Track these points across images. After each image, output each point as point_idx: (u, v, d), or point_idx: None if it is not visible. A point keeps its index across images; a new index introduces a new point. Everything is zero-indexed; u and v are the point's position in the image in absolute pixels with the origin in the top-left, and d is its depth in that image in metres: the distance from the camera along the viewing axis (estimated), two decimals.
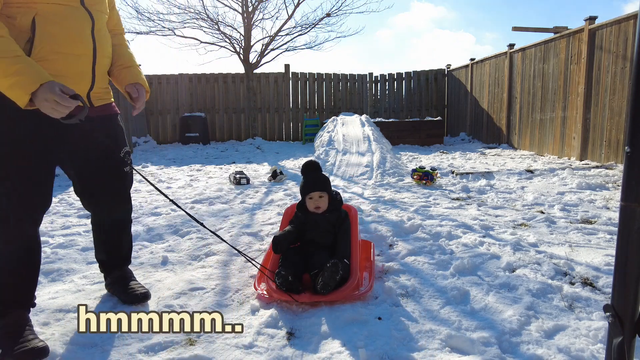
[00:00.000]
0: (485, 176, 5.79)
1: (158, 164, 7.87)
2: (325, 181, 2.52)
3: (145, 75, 11.18)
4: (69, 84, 1.73)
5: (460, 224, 3.41)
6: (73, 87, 1.76)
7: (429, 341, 1.79)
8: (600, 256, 2.68)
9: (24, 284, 1.84)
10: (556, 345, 1.75)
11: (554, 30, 9.13)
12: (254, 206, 4.22)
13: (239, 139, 12.81)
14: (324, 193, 2.48)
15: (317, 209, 2.46)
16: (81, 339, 1.81)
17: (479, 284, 2.30)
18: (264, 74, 12.84)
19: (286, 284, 2.09)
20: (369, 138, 8.10)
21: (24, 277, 1.84)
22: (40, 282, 2.41)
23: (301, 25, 12.02)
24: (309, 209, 2.48)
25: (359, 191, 4.87)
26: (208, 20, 11.47)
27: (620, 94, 6.43)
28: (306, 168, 2.57)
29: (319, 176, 2.53)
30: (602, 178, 5.45)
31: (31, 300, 1.88)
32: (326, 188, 2.50)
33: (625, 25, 6.31)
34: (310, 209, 2.47)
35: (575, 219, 3.62)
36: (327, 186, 2.51)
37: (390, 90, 13.51)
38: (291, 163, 7.78)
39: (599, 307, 2.05)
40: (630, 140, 0.97)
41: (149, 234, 3.30)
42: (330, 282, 2.07)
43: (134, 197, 4.74)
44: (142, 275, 2.51)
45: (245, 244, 3.08)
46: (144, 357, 1.71)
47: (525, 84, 9.23)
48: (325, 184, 2.50)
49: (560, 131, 7.98)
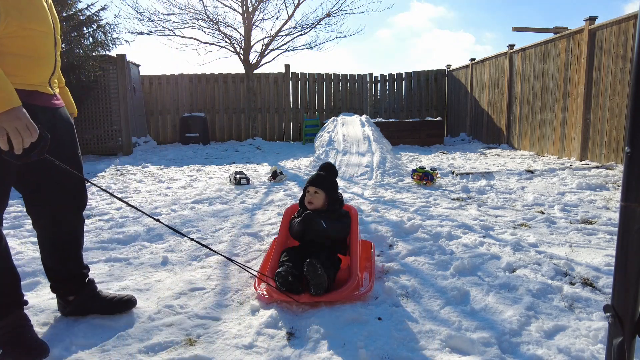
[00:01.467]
0: (485, 176, 5.79)
1: (158, 164, 7.87)
2: (326, 181, 2.55)
3: (145, 76, 11.03)
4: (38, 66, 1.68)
5: (461, 224, 3.41)
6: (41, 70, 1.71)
7: (429, 341, 1.79)
8: (600, 256, 2.68)
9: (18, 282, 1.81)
10: (556, 346, 1.75)
11: (554, 31, 9.13)
12: (254, 206, 4.22)
13: (239, 139, 12.80)
14: (320, 190, 2.51)
15: (310, 203, 2.51)
16: (81, 339, 1.81)
17: (479, 284, 2.30)
18: (264, 74, 12.84)
19: (286, 284, 2.09)
20: (369, 138, 8.10)
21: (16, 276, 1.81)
22: (40, 282, 2.41)
23: (301, 25, 12.02)
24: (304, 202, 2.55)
25: (359, 191, 4.87)
26: (208, 21, 11.47)
27: (620, 94, 6.43)
28: (320, 168, 2.65)
29: (325, 175, 2.58)
30: (602, 178, 5.45)
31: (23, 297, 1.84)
32: (324, 186, 2.53)
33: (625, 26, 6.31)
34: (305, 202, 2.54)
35: (576, 219, 3.62)
36: (324, 185, 2.54)
37: (390, 90, 13.51)
38: (291, 163, 7.78)
39: (599, 307, 2.05)
40: (630, 141, 0.97)
41: (149, 234, 3.30)
42: (318, 281, 2.06)
43: (134, 197, 4.75)
44: (142, 276, 2.51)
45: (245, 244, 3.08)
46: (144, 357, 1.71)
47: (525, 84, 9.23)
48: (323, 183, 2.54)
49: (561, 131, 7.98)
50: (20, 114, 1.52)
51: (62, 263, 1.99)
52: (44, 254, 1.98)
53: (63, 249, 1.98)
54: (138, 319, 1.98)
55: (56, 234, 1.95)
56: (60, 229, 1.95)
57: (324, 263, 2.17)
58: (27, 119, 1.54)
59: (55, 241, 1.96)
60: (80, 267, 2.04)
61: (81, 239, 2.07)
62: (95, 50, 8.87)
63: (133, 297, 2.09)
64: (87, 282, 2.05)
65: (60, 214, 1.93)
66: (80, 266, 2.04)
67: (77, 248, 2.04)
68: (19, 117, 1.51)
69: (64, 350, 1.74)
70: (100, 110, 9.45)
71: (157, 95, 12.67)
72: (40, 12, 1.75)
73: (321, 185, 2.52)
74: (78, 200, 1.98)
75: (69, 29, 8.39)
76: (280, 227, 2.69)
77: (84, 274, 2.05)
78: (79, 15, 8.79)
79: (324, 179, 2.55)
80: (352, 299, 2.12)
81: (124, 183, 5.71)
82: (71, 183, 1.92)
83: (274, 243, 2.69)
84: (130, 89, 10.67)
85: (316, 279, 2.06)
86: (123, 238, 3.18)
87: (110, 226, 3.50)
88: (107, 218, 3.78)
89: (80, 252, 2.05)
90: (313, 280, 2.06)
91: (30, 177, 1.83)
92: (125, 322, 1.95)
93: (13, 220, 3.66)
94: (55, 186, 1.87)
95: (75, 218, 2.00)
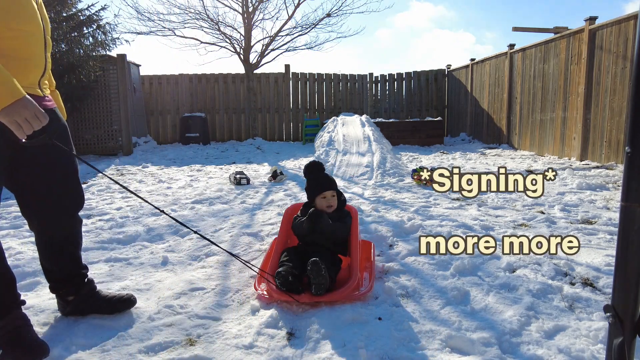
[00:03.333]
0: None
1: (158, 164, 7.87)
2: (334, 180, 2.60)
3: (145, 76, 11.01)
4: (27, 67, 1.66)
5: (461, 224, 3.41)
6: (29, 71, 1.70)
7: (429, 341, 1.79)
8: (600, 256, 2.68)
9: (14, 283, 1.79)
10: (556, 346, 1.75)
11: (554, 31, 9.12)
12: (254, 206, 4.22)
13: (239, 139, 12.80)
14: (335, 192, 2.55)
15: (330, 207, 2.51)
16: (81, 339, 1.81)
17: (479, 284, 2.30)
18: (264, 74, 12.83)
19: (286, 284, 2.09)
20: (369, 138, 8.10)
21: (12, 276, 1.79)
22: (40, 282, 2.41)
23: (301, 25, 12.02)
24: (320, 208, 2.50)
25: (359, 191, 4.87)
26: (208, 21, 11.47)
27: (620, 94, 6.42)
28: (311, 168, 2.60)
29: (328, 176, 2.59)
30: (602, 178, 5.45)
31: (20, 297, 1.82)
32: (336, 187, 2.58)
33: (626, 26, 6.31)
34: (322, 208, 2.50)
35: (576, 219, 3.62)
36: (336, 185, 2.59)
37: (390, 90, 13.51)
38: (291, 163, 7.78)
39: (599, 307, 2.05)
40: (630, 141, 0.97)
41: (149, 234, 3.30)
42: (320, 281, 2.06)
43: (135, 197, 4.74)
44: (142, 276, 2.51)
45: (246, 244, 3.08)
46: (144, 357, 1.71)
47: (525, 84, 9.23)
48: (335, 183, 2.59)
49: (561, 131, 7.98)
50: (27, 103, 1.52)
51: (60, 264, 1.97)
52: (41, 256, 1.97)
53: (60, 251, 1.96)
54: (138, 319, 1.98)
55: (52, 236, 1.93)
56: (56, 231, 1.93)
57: (326, 263, 2.17)
58: (35, 107, 1.54)
59: (52, 243, 1.93)
60: (79, 268, 2.03)
61: (78, 240, 2.04)
62: (96, 50, 8.88)
63: (132, 296, 2.08)
64: (87, 282, 2.04)
65: (54, 216, 1.90)
66: (78, 266, 2.03)
67: (75, 249, 2.02)
68: (26, 106, 1.52)
69: (64, 350, 1.74)
70: (100, 110, 9.45)
71: (157, 95, 12.66)
72: (27, 12, 1.70)
73: (336, 186, 2.57)
74: (73, 202, 1.95)
75: (69, 29, 8.39)
76: (281, 227, 2.69)
77: (82, 274, 2.04)
78: (79, 15, 8.79)
79: (331, 179, 2.58)
80: (352, 298, 2.12)
81: (124, 183, 5.71)
82: (65, 184, 1.89)
83: (274, 243, 2.68)
84: (131, 89, 10.66)
85: (319, 279, 2.05)
86: (123, 238, 3.18)
87: (111, 226, 3.51)
88: (107, 218, 3.78)
89: (78, 253, 2.04)
90: (315, 280, 2.06)
91: (22, 177, 1.81)
92: (125, 322, 1.95)
93: (13, 220, 3.66)
94: (48, 187, 1.85)
95: (71, 219, 1.97)
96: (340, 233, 2.44)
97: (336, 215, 2.49)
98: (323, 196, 2.51)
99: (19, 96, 1.51)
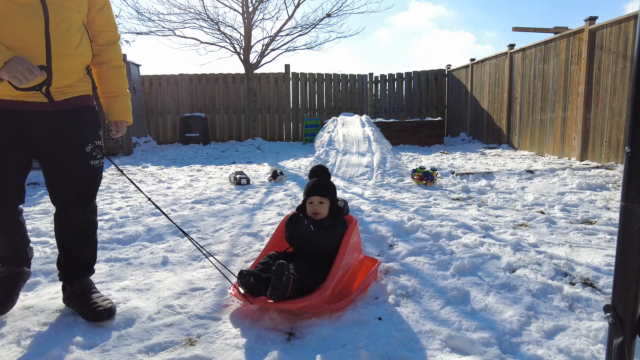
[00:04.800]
0: (485, 176, 5.79)
1: (158, 164, 7.88)
2: (328, 187, 2.42)
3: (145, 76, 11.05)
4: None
5: (461, 224, 3.41)
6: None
7: (429, 341, 1.79)
8: (600, 256, 2.68)
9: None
10: (556, 346, 1.75)
11: (554, 31, 9.13)
12: (254, 206, 4.22)
13: (239, 139, 12.80)
14: (325, 199, 2.37)
15: (315, 214, 2.36)
16: (81, 339, 1.81)
17: (479, 284, 2.30)
18: (264, 74, 12.84)
19: (247, 285, 2.00)
20: (369, 138, 8.10)
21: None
22: (40, 282, 2.41)
23: (301, 25, 12.03)
24: (308, 213, 2.39)
25: (359, 191, 4.87)
26: (208, 21, 11.47)
27: (620, 94, 6.42)
28: (313, 172, 2.48)
29: (325, 182, 2.43)
30: (602, 178, 5.45)
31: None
32: (328, 194, 2.39)
33: (626, 26, 6.31)
34: (308, 213, 2.39)
35: (576, 219, 3.62)
36: (329, 193, 2.40)
37: (390, 90, 13.51)
38: (291, 163, 7.78)
39: (599, 307, 2.05)
40: (630, 141, 0.97)
41: (149, 234, 3.30)
42: (277, 286, 1.90)
43: (135, 197, 4.75)
44: (142, 276, 2.51)
45: (246, 244, 3.08)
46: (144, 357, 1.71)
47: (525, 84, 9.23)
48: (328, 190, 2.40)
49: (561, 131, 7.98)
50: (16, 62, 1.67)
51: (62, 250, 2.08)
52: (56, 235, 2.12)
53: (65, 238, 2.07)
54: (138, 319, 1.98)
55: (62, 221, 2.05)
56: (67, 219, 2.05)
57: (301, 269, 2.05)
58: (26, 63, 1.67)
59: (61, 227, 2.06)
60: (77, 263, 2.09)
61: (85, 236, 2.10)
62: None
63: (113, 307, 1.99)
64: (81, 280, 2.08)
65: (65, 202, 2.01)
66: (76, 261, 2.09)
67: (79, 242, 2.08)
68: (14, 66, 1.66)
69: (64, 350, 1.74)
70: (100, 110, 9.42)
71: (157, 95, 12.67)
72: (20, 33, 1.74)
73: (325, 194, 2.38)
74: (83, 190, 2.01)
75: None
76: (275, 231, 2.62)
77: (78, 271, 2.09)
78: None
79: (324, 186, 2.41)
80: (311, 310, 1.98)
81: (125, 183, 5.71)
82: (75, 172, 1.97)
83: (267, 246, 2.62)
84: (131, 89, 10.67)
85: (277, 283, 1.90)
86: (123, 238, 3.18)
87: (111, 226, 3.51)
88: (107, 218, 3.78)
89: (81, 247, 2.09)
90: (273, 283, 1.92)
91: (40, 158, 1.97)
92: (125, 322, 1.95)
93: None
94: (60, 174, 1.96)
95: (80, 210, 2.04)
96: (325, 242, 2.24)
97: (327, 224, 2.33)
98: (310, 201, 2.38)
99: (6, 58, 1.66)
